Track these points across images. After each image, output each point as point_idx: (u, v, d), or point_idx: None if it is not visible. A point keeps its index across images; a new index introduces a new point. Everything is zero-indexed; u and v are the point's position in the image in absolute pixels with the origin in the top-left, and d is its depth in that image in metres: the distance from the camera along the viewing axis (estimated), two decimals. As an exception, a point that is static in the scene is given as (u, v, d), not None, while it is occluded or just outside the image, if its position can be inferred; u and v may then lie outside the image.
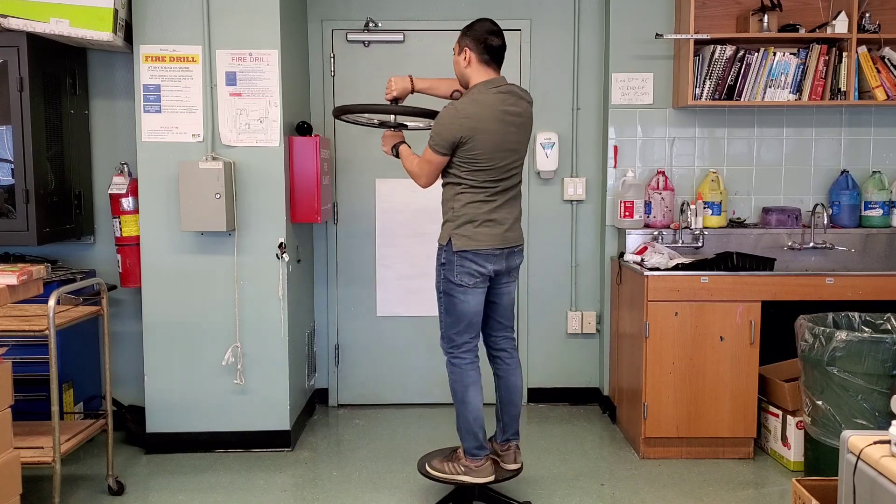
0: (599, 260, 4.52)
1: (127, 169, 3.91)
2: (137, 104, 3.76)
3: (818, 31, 4.06)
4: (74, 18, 3.50)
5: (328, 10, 4.45)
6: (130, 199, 3.83)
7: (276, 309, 3.84)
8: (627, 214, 4.21)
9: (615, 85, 4.30)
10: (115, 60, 4.07)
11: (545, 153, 4.40)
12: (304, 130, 3.99)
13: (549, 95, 4.47)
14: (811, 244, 4.16)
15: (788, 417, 3.66)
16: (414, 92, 3.27)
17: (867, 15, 4.04)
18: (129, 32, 3.71)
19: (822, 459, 3.33)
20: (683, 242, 4.20)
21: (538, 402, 4.65)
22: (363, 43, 4.47)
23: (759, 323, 3.66)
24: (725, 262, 3.91)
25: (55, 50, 3.73)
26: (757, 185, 4.36)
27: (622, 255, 4.22)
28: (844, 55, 4.01)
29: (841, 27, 3.96)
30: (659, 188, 4.24)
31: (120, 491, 3.43)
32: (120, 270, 3.89)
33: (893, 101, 4.03)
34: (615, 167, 4.35)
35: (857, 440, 2.08)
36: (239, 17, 3.73)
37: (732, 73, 4.05)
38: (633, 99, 4.31)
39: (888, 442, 1.99)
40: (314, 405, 4.59)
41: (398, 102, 3.27)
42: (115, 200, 3.84)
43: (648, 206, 4.24)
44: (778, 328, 3.81)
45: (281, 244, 3.81)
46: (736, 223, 4.30)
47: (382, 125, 3.39)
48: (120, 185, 3.84)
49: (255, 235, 3.81)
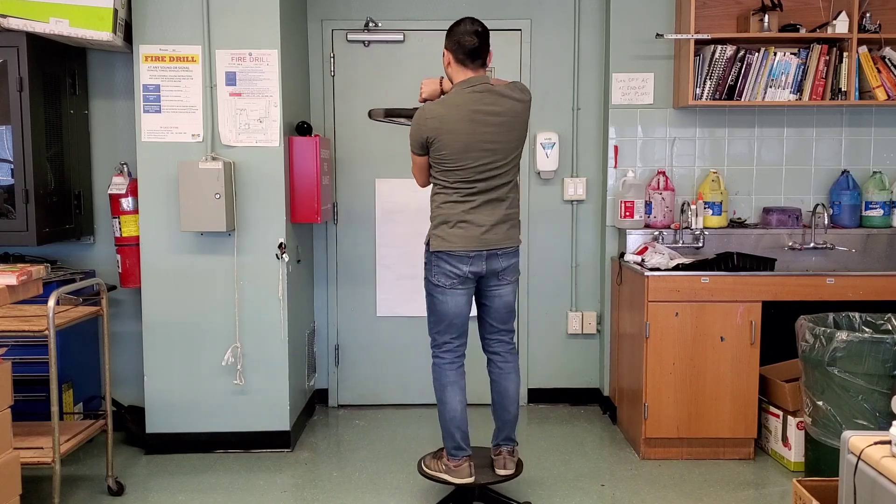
0: (600, 260, 4.52)
1: (127, 169, 3.91)
2: (137, 104, 3.76)
3: (819, 31, 4.06)
4: (74, 18, 3.50)
5: (328, 10, 4.45)
6: (130, 199, 3.83)
7: (275, 309, 3.84)
8: (628, 214, 4.20)
9: (615, 85, 4.30)
10: (114, 60, 4.07)
11: (545, 153, 4.40)
12: (304, 130, 3.99)
13: (549, 95, 4.47)
14: (812, 244, 4.16)
15: (789, 418, 3.65)
16: (443, 94, 3.22)
17: (868, 15, 4.03)
18: (128, 32, 3.71)
19: (822, 460, 3.33)
20: (684, 243, 4.20)
21: (538, 402, 4.65)
22: (363, 43, 4.46)
23: (759, 323, 3.66)
24: (726, 262, 3.90)
25: (55, 50, 3.73)
26: (757, 185, 4.36)
27: (622, 255, 4.22)
28: (845, 55, 4.00)
29: (841, 27, 3.96)
30: (659, 188, 4.23)
31: (120, 491, 3.43)
32: (119, 271, 3.89)
33: (894, 101, 4.03)
34: (615, 167, 4.35)
35: (857, 441, 2.07)
36: (239, 17, 3.73)
37: (733, 73, 4.05)
38: (633, 99, 4.31)
39: (889, 442, 1.99)
40: (314, 405, 4.59)
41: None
42: (114, 200, 3.84)
43: (649, 206, 4.24)
44: (778, 328, 3.81)
45: (281, 244, 3.81)
46: (736, 223, 4.30)
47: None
48: (120, 185, 3.84)
49: (254, 235, 3.81)
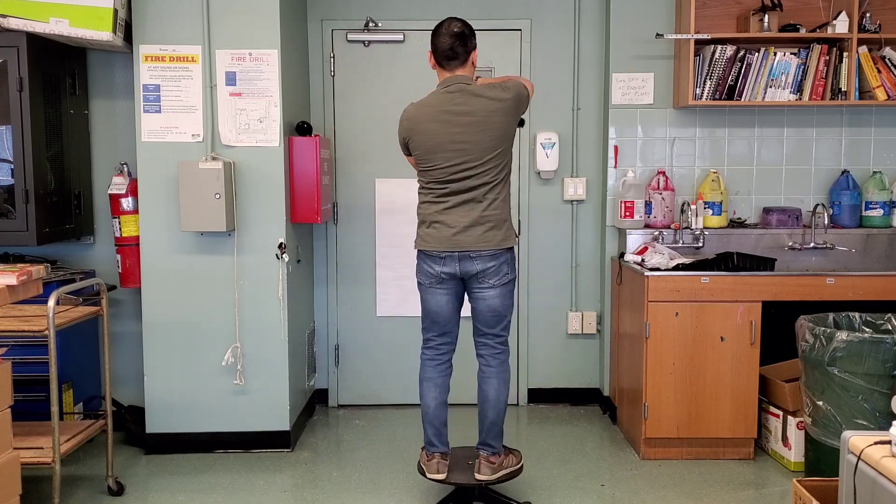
0: (600, 260, 4.52)
1: (127, 169, 3.91)
2: (137, 104, 3.76)
3: (819, 31, 4.06)
4: (74, 18, 3.50)
5: (328, 10, 4.45)
6: (130, 199, 3.83)
7: (275, 309, 3.84)
8: (628, 214, 4.20)
9: (615, 85, 4.30)
10: (114, 60, 4.07)
11: (545, 153, 4.40)
12: (304, 130, 3.99)
13: (549, 95, 4.47)
14: (812, 244, 4.16)
15: (789, 418, 3.65)
16: None
17: (868, 15, 4.03)
18: (128, 32, 3.71)
19: (822, 460, 3.33)
20: (684, 242, 4.20)
21: (538, 402, 4.65)
22: (363, 43, 4.46)
23: (759, 323, 3.66)
24: (726, 262, 3.90)
25: (55, 50, 3.73)
26: (757, 185, 4.36)
27: (622, 255, 4.22)
28: (845, 55, 4.00)
29: (841, 27, 3.96)
30: (659, 188, 4.23)
31: (120, 491, 3.43)
32: (119, 271, 3.89)
33: (894, 101, 4.03)
34: (615, 167, 4.35)
35: (857, 441, 2.07)
36: (239, 17, 3.73)
37: (733, 73, 4.05)
38: (633, 99, 4.31)
39: (889, 442, 1.99)
40: (314, 405, 4.59)
41: None
42: (114, 200, 3.84)
43: (649, 206, 4.24)
44: (778, 328, 3.81)
45: (281, 244, 3.80)
46: (736, 223, 4.30)
47: None
48: (120, 185, 3.84)
49: (254, 235, 3.81)
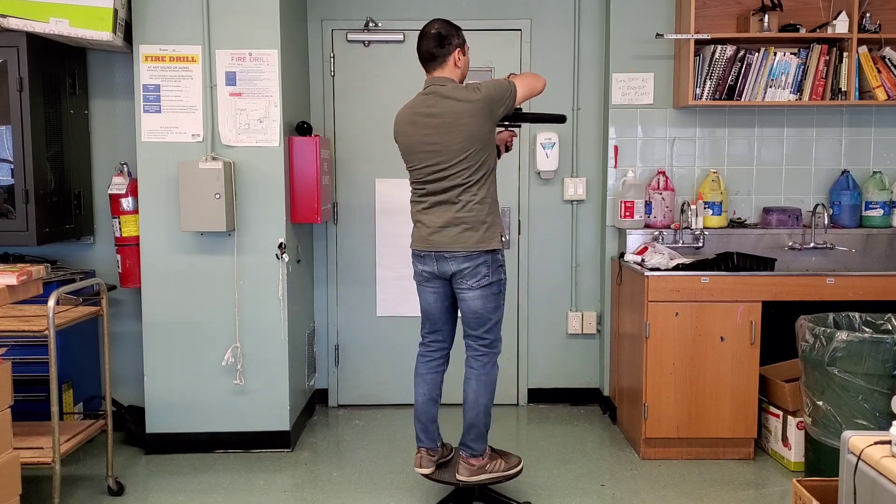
0: (600, 260, 4.52)
1: (127, 169, 3.91)
2: (137, 104, 3.76)
3: (819, 31, 4.06)
4: (74, 18, 3.50)
5: (328, 10, 4.44)
6: (130, 199, 3.83)
7: (275, 309, 3.84)
8: (628, 214, 4.20)
9: (615, 85, 4.30)
10: (114, 60, 4.07)
11: (545, 153, 4.40)
12: (304, 130, 3.99)
13: (549, 95, 4.43)
14: (812, 244, 4.16)
15: (789, 418, 3.65)
16: None
17: (868, 15, 4.03)
18: (128, 32, 3.71)
19: (822, 460, 3.33)
20: (684, 243, 4.20)
21: (538, 402, 4.65)
22: (363, 43, 4.46)
23: (759, 323, 3.66)
24: (726, 262, 3.90)
25: (55, 50, 3.73)
26: (757, 185, 4.36)
27: (622, 255, 4.22)
28: (845, 55, 4.00)
29: (841, 27, 3.96)
30: (659, 188, 4.23)
31: (120, 491, 3.43)
32: (119, 271, 3.89)
33: (894, 101, 4.03)
34: (615, 167, 4.34)
35: (857, 441, 2.08)
36: (239, 17, 3.73)
37: (733, 73, 4.05)
38: (633, 99, 4.31)
39: (889, 442, 1.99)
40: (314, 405, 4.59)
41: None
42: (114, 200, 3.84)
43: (649, 206, 4.24)
44: (778, 328, 3.81)
45: (281, 244, 3.80)
46: (736, 223, 4.30)
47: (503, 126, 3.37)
48: (120, 185, 3.84)
49: (254, 235, 3.81)
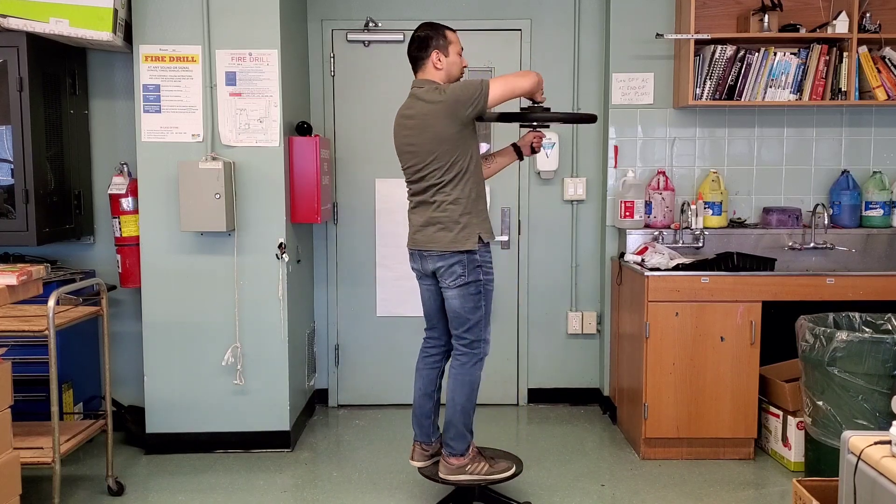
0: (600, 260, 4.52)
1: (127, 169, 3.91)
2: (137, 104, 3.76)
3: (819, 31, 4.06)
4: (74, 18, 3.50)
5: (328, 10, 4.45)
6: (130, 199, 3.83)
7: (275, 309, 3.84)
8: (628, 214, 4.20)
9: (615, 85, 4.30)
10: (114, 60, 4.07)
11: (545, 153, 4.39)
12: (304, 130, 3.99)
13: (549, 95, 4.40)
14: (812, 244, 4.16)
15: (789, 418, 3.65)
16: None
17: (868, 15, 4.03)
18: (128, 32, 3.71)
19: (822, 460, 3.33)
20: (684, 243, 4.20)
21: (538, 402, 4.65)
22: (363, 43, 4.47)
23: (759, 323, 3.66)
24: (726, 262, 3.90)
25: (55, 50, 3.73)
26: (757, 185, 4.36)
27: (622, 255, 4.22)
28: (845, 55, 4.00)
29: (841, 27, 3.96)
30: (659, 188, 4.23)
31: (120, 491, 3.43)
32: (120, 270, 3.89)
33: (894, 101, 4.03)
34: (615, 167, 4.35)
35: (857, 441, 2.07)
36: (239, 17, 3.73)
37: (733, 73, 4.05)
38: (633, 99, 4.31)
39: (889, 442, 1.99)
40: (314, 405, 4.59)
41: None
42: (114, 200, 3.84)
43: (649, 206, 4.24)
44: (778, 328, 3.81)
45: (281, 244, 3.81)
46: (736, 223, 4.30)
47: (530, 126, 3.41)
48: (120, 185, 3.84)
49: (254, 235, 3.81)
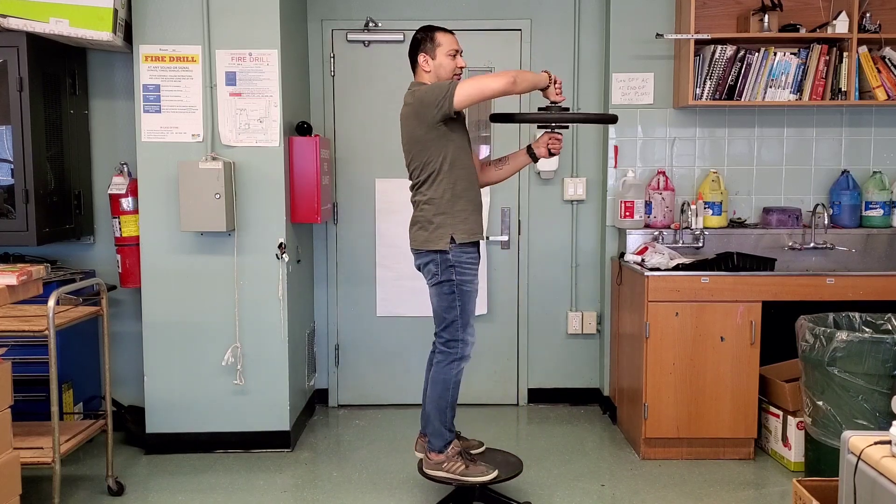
0: (600, 260, 4.52)
1: (127, 169, 3.91)
2: (137, 104, 3.76)
3: (819, 31, 4.06)
4: (74, 18, 3.50)
5: (328, 10, 4.45)
6: (130, 199, 3.83)
7: (275, 309, 3.84)
8: (628, 214, 4.20)
9: (615, 85, 4.30)
10: (114, 60, 4.07)
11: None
12: (304, 130, 3.99)
13: (549, 95, 4.46)
14: (812, 244, 4.16)
15: (789, 418, 3.65)
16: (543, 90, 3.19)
17: (868, 15, 4.03)
18: (128, 32, 3.71)
19: (822, 460, 3.33)
20: (684, 242, 4.20)
21: (538, 402, 4.65)
22: (363, 43, 4.47)
23: (759, 323, 3.66)
24: (726, 262, 3.90)
25: (55, 50, 3.73)
26: (757, 185, 4.36)
27: (622, 255, 4.22)
28: (845, 55, 4.00)
29: (841, 27, 3.96)
30: (659, 188, 4.23)
31: (120, 491, 3.43)
32: (120, 271, 3.89)
33: (894, 101, 4.03)
34: (615, 167, 4.34)
35: (857, 441, 2.07)
36: (239, 17, 3.73)
37: (733, 73, 4.04)
38: (633, 99, 4.31)
39: (889, 442, 1.99)
40: (314, 405, 4.59)
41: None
42: (114, 200, 3.84)
43: (649, 206, 4.24)
44: (778, 328, 3.81)
45: (281, 244, 3.81)
46: (736, 223, 4.30)
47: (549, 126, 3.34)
48: (120, 185, 3.84)
49: (254, 235, 3.81)
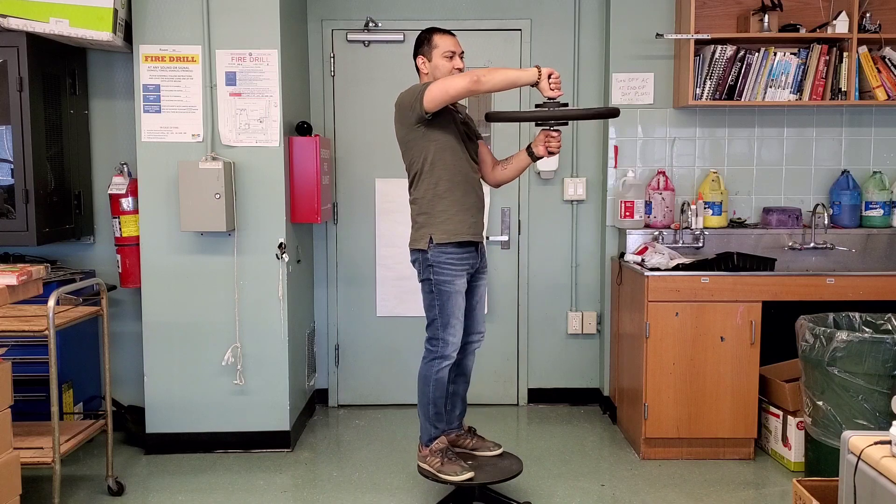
0: (600, 260, 4.52)
1: (127, 169, 3.91)
2: (137, 104, 3.76)
3: (819, 31, 4.06)
4: (74, 18, 3.50)
5: (328, 10, 4.45)
6: (130, 199, 3.83)
7: (276, 309, 3.84)
8: (628, 214, 4.20)
9: (615, 85, 4.30)
10: (114, 60, 4.07)
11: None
12: (304, 130, 3.99)
13: (549, 95, 4.46)
14: (812, 244, 4.16)
15: (789, 418, 3.65)
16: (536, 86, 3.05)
17: (868, 15, 4.04)
18: (128, 32, 3.71)
19: (822, 460, 3.33)
20: (684, 243, 4.20)
21: (538, 402, 4.65)
22: (363, 43, 4.47)
23: (759, 323, 3.66)
24: (726, 262, 3.90)
25: (55, 50, 3.73)
26: (757, 185, 4.36)
27: (622, 255, 4.22)
28: (845, 55, 4.00)
29: (841, 27, 3.96)
30: (659, 188, 4.23)
31: (120, 491, 3.43)
32: (119, 270, 3.89)
33: (894, 101, 4.03)
34: (615, 167, 4.34)
35: (857, 441, 2.08)
36: (239, 16, 3.73)
37: (733, 73, 4.05)
38: (633, 99, 4.31)
39: (889, 442, 1.99)
40: (314, 405, 4.59)
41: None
42: (114, 200, 3.84)
43: (649, 206, 4.24)
44: (778, 328, 3.81)
45: (281, 244, 3.81)
46: (736, 223, 4.30)
47: (549, 123, 3.20)
48: (120, 185, 3.84)
49: (254, 235, 3.81)
